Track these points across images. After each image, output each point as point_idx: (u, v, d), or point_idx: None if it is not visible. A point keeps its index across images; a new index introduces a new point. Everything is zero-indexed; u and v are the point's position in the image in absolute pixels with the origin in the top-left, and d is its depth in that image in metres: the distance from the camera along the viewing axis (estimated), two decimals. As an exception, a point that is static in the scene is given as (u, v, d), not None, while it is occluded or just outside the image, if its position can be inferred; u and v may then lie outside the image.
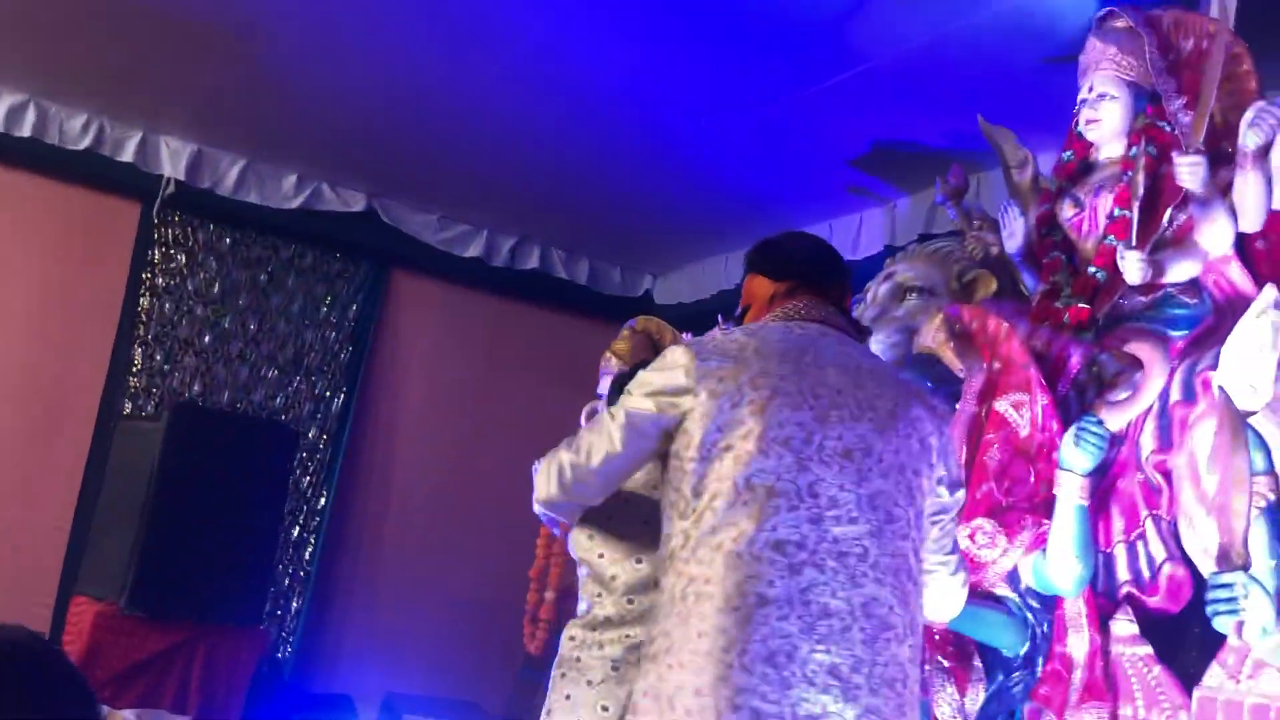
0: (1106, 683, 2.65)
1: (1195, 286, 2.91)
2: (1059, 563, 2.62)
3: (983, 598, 2.77)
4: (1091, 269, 3.02)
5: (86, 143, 5.68)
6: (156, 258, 6.05)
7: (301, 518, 6.20)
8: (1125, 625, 2.67)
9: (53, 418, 5.78)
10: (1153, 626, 2.67)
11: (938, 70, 4.06)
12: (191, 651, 4.63)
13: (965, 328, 2.92)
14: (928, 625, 2.71)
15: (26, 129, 5.57)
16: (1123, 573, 2.73)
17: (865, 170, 5.03)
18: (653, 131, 5.00)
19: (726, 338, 2.11)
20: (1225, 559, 2.16)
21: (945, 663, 2.82)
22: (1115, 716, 2.63)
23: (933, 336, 2.97)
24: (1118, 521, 2.77)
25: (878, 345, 3.19)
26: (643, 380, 2.10)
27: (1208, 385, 2.58)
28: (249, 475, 4.89)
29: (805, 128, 4.71)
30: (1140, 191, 2.89)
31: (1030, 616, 2.76)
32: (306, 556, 6.22)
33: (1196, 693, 2.47)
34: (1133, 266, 2.79)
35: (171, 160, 5.86)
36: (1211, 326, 2.85)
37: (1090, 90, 3.11)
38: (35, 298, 5.81)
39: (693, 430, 1.99)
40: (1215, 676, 2.44)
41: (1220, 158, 2.86)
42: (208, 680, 4.65)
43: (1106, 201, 3.04)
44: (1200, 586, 2.45)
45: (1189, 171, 2.74)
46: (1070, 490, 2.60)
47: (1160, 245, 2.91)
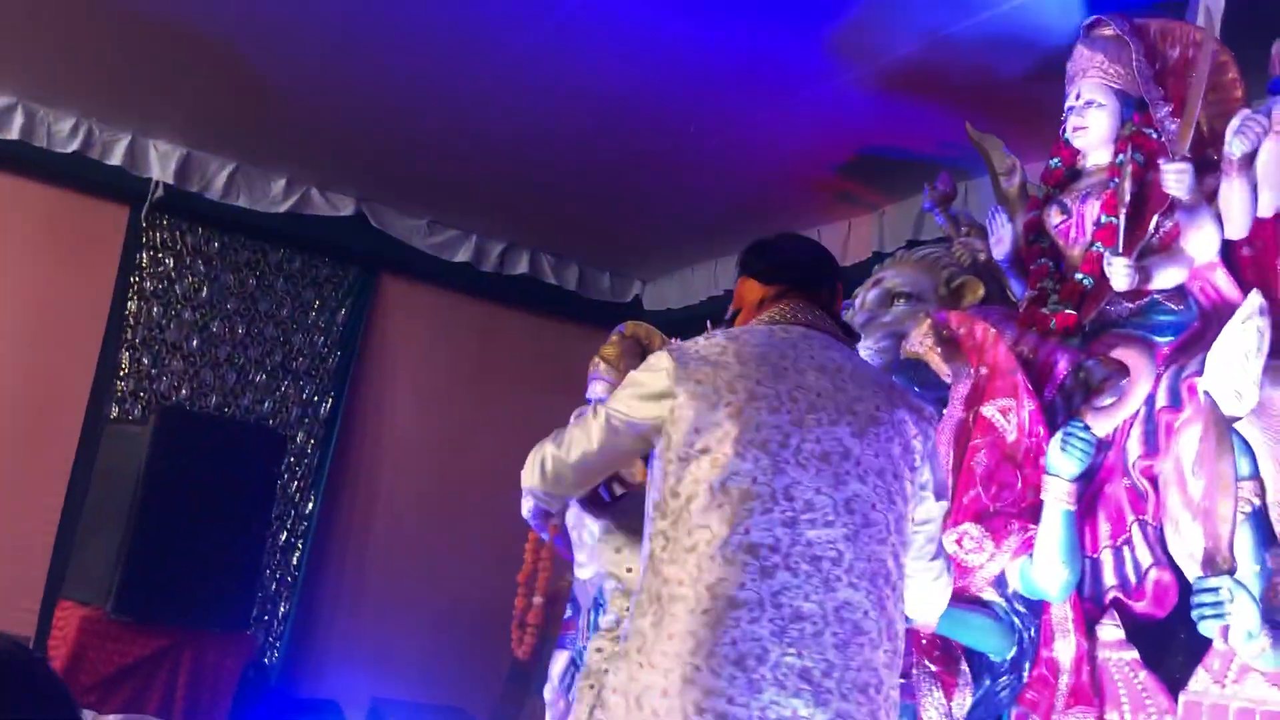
0: (1093, 687, 2.66)
1: (1181, 293, 2.92)
2: (1046, 568, 2.63)
3: (970, 602, 2.78)
4: (1078, 275, 3.03)
5: (75, 146, 5.67)
6: (144, 261, 6.04)
7: (289, 522, 6.19)
8: (1111, 630, 2.68)
9: (40, 421, 5.76)
10: (1139, 631, 2.68)
11: (926, 78, 4.08)
12: (178, 656, 4.62)
13: (953, 333, 2.93)
14: (915, 629, 2.73)
15: (14, 131, 5.55)
16: (1109, 578, 2.74)
17: (854, 177, 5.04)
18: (642, 138, 5.01)
19: (709, 342, 2.11)
20: (1211, 564, 2.17)
21: (932, 667, 2.82)
22: (1101, 721, 2.64)
23: (920, 342, 2.98)
24: (1104, 527, 2.78)
25: (866, 350, 3.20)
26: (627, 382, 2.14)
27: (1193, 391, 2.59)
28: (236, 480, 4.87)
29: (794, 135, 4.72)
30: (1127, 198, 2.90)
31: (1017, 621, 2.76)
32: (294, 561, 6.21)
33: (1182, 697, 2.49)
34: (1119, 273, 2.81)
35: (160, 164, 5.85)
36: (1197, 332, 2.87)
37: (1078, 98, 3.13)
38: (22, 301, 5.79)
39: (673, 433, 2.01)
40: (1201, 681, 2.46)
41: (1206, 165, 2.87)
42: (194, 685, 4.63)
43: (1094, 208, 3.06)
44: (1186, 591, 2.46)
45: (1175, 179, 2.75)
46: (1057, 495, 2.61)
47: (1147, 252, 2.92)
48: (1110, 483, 2.81)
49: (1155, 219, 2.93)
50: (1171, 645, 2.67)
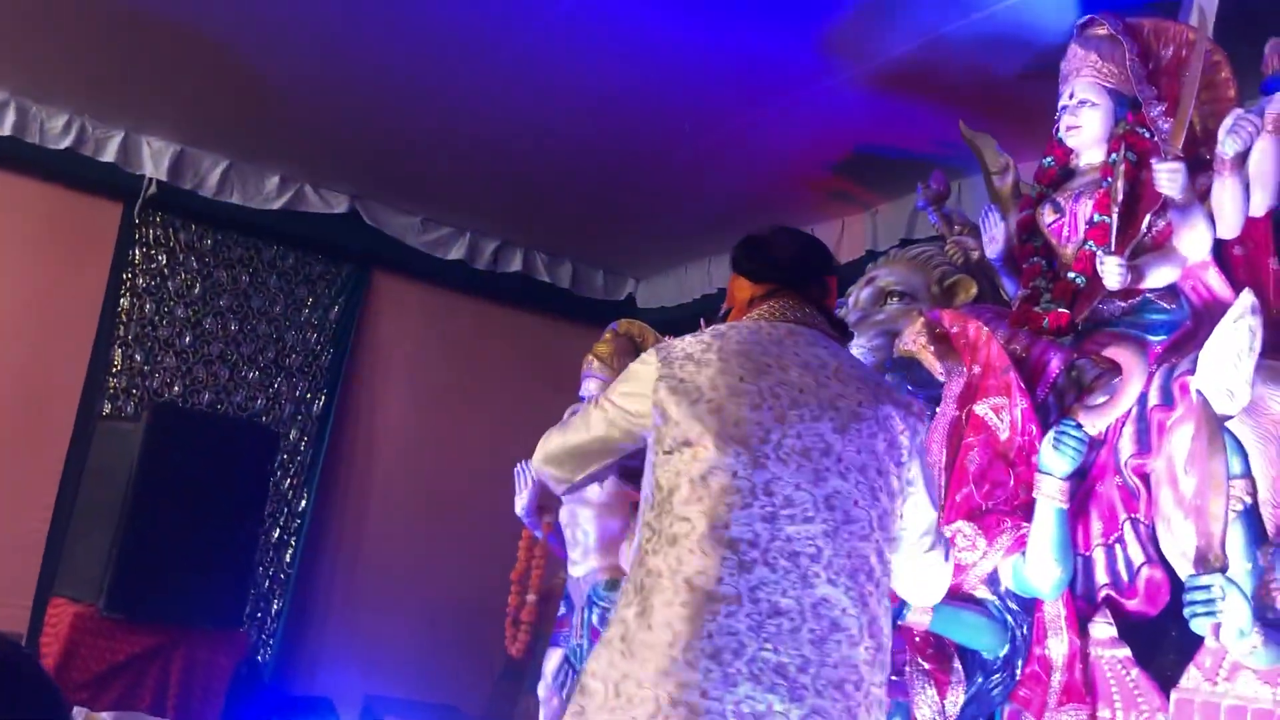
0: (1085, 685, 2.67)
1: (1173, 292, 2.93)
2: (1038, 566, 2.64)
3: (963, 600, 2.79)
4: (1071, 274, 3.04)
5: (68, 142, 5.66)
6: (137, 258, 6.02)
7: (282, 520, 6.18)
8: (1104, 628, 2.68)
9: (32, 418, 5.74)
10: (1131, 629, 2.69)
11: (919, 77, 4.08)
12: (170, 654, 4.61)
13: (945, 332, 2.94)
14: (909, 627, 2.74)
15: (7, 128, 5.54)
16: (1101, 576, 2.74)
17: (847, 176, 5.05)
18: (636, 136, 5.01)
19: (696, 339, 2.14)
20: (1203, 562, 2.18)
21: (925, 665, 2.83)
22: (1093, 719, 2.65)
23: (914, 340, 2.99)
24: (1096, 525, 2.79)
25: (859, 349, 3.20)
26: (621, 376, 2.19)
27: (1186, 390, 2.60)
28: (229, 477, 4.86)
29: (788, 134, 4.72)
30: (1120, 197, 2.91)
31: (1010, 619, 2.77)
32: (287, 559, 6.20)
33: (1174, 695, 2.50)
34: (1112, 272, 2.81)
35: (153, 160, 5.84)
36: (1189, 331, 2.87)
37: (1071, 97, 3.14)
38: (14, 298, 5.77)
39: (660, 427, 2.04)
40: (1192, 678, 2.47)
41: (1199, 164, 2.88)
42: (186, 682, 4.62)
43: (1086, 207, 3.06)
44: (1178, 589, 2.47)
45: (1168, 178, 2.76)
46: (1049, 493, 2.62)
47: (1139, 251, 2.93)
48: (1102, 481, 2.82)
49: (1148, 218, 2.94)
50: (1163, 643, 2.68)
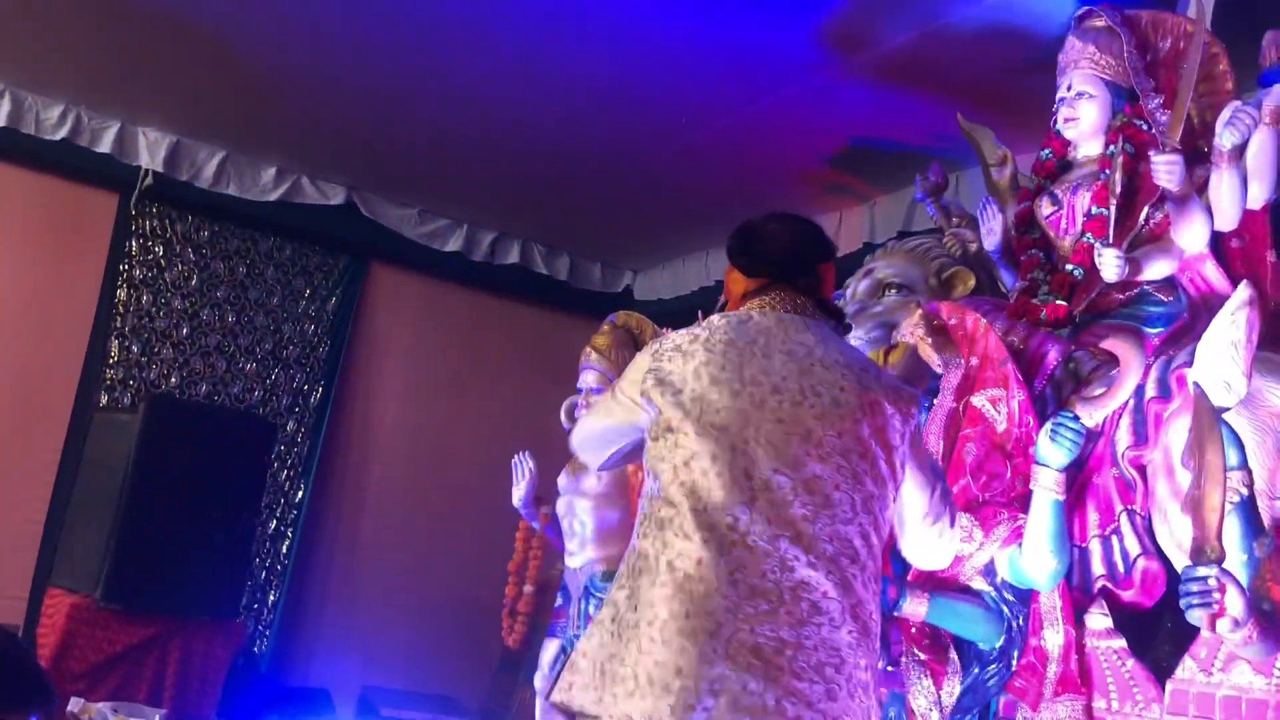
0: (1081, 676, 2.67)
1: (1171, 284, 2.94)
2: (1035, 557, 2.64)
3: (959, 591, 2.79)
4: (1069, 266, 3.04)
5: (63, 133, 5.65)
6: (134, 249, 6.02)
7: (279, 511, 6.19)
8: (1099, 619, 2.69)
9: (28, 409, 5.74)
10: (1126, 620, 2.69)
11: (917, 69, 4.09)
12: (167, 644, 4.61)
13: (943, 324, 2.94)
14: (905, 618, 2.74)
15: (2, 119, 5.54)
16: (1097, 567, 2.75)
17: (845, 168, 5.05)
18: (634, 128, 5.01)
19: (687, 331, 2.19)
20: (1199, 553, 2.18)
21: (921, 655, 2.84)
22: (1089, 709, 2.65)
23: (911, 332, 2.99)
24: (1093, 516, 2.79)
25: (857, 340, 3.20)
26: (629, 366, 2.24)
27: (1183, 382, 2.60)
28: (226, 468, 4.86)
29: (785, 126, 4.72)
30: (1118, 189, 2.91)
31: (1006, 610, 2.77)
32: (283, 550, 6.21)
33: (1169, 685, 2.50)
34: (1109, 264, 2.81)
35: (150, 151, 5.83)
36: (1187, 324, 2.88)
37: (1069, 89, 3.13)
38: (10, 289, 5.77)
39: (650, 416, 2.10)
40: (1188, 669, 2.47)
41: (1197, 157, 2.89)
42: (183, 673, 4.62)
43: (1084, 199, 3.06)
44: (1174, 581, 2.47)
45: (1166, 170, 2.75)
46: (1046, 485, 2.62)
47: (1137, 243, 2.93)
48: (1099, 473, 2.82)
49: (1145, 210, 2.94)
50: (1159, 634, 2.69)
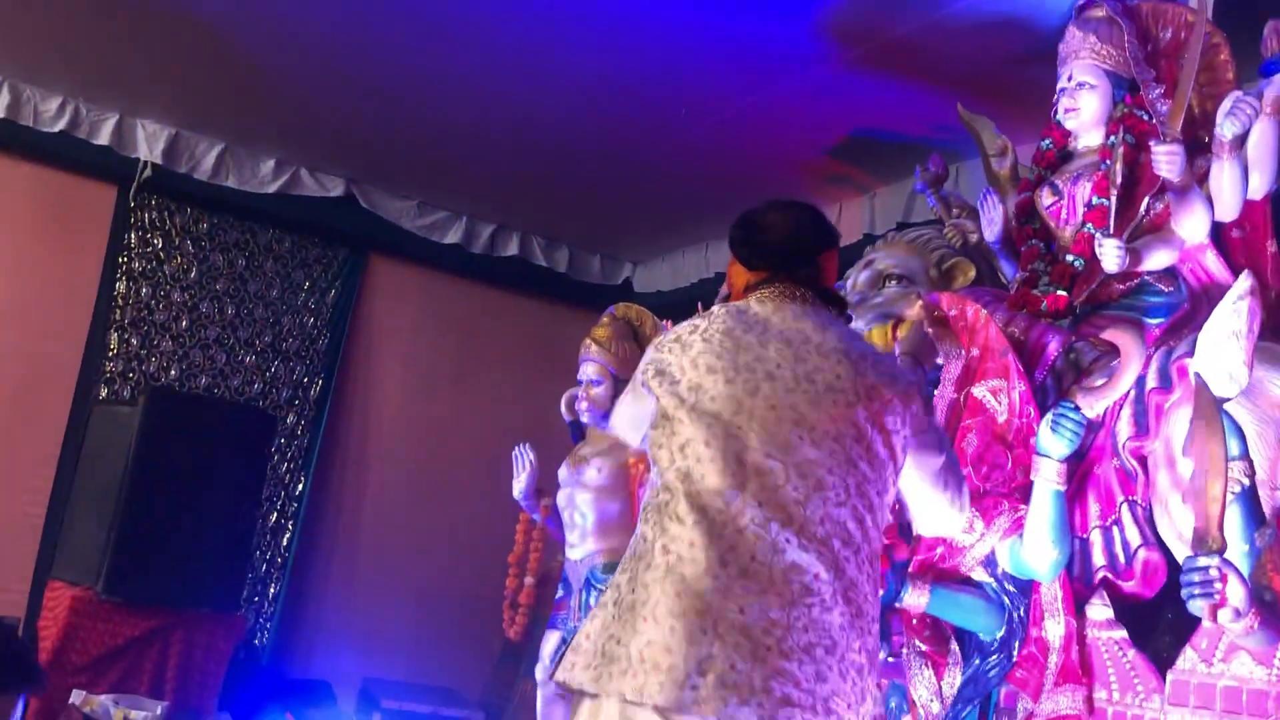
0: (1082, 666, 2.68)
1: (1172, 274, 2.94)
2: (1035, 548, 2.64)
3: (960, 582, 2.79)
4: (1069, 257, 3.04)
5: (62, 125, 5.64)
6: (133, 241, 6.01)
7: (279, 503, 6.19)
8: (1100, 610, 2.69)
9: (28, 402, 5.74)
10: (1127, 611, 2.70)
11: (917, 60, 4.08)
12: (168, 637, 4.61)
13: (944, 315, 2.94)
14: (906, 609, 2.74)
15: (0, 110, 5.51)
16: (1098, 558, 2.75)
17: (844, 159, 5.04)
18: (633, 120, 5.00)
19: (688, 323, 2.23)
20: (1201, 543, 2.18)
21: (922, 646, 2.84)
22: (1090, 700, 2.66)
23: (915, 308, 2.99)
24: (1094, 507, 2.79)
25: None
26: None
27: (1184, 372, 2.60)
28: (226, 461, 4.86)
29: (785, 117, 4.72)
30: (1118, 180, 2.91)
31: (1007, 601, 2.77)
32: (284, 542, 6.21)
33: (1170, 675, 2.51)
34: (1110, 254, 2.81)
35: (148, 143, 5.82)
36: (1187, 314, 2.88)
37: (1069, 79, 3.13)
38: (9, 281, 5.76)
39: (653, 405, 2.15)
40: (1189, 659, 2.48)
41: (1197, 147, 2.88)
42: (185, 665, 4.63)
43: (1085, 190, 3.06)
44: (1174, 571, 2.48)
45: (1166, 160, 2.75)
46: (1047, 476, 2.62)
47: (1137, 233, 2.93)
48: (1100, 464, 2.82)
49: (1146, 200, 2.94)
50: (1159, 624, 2.69)
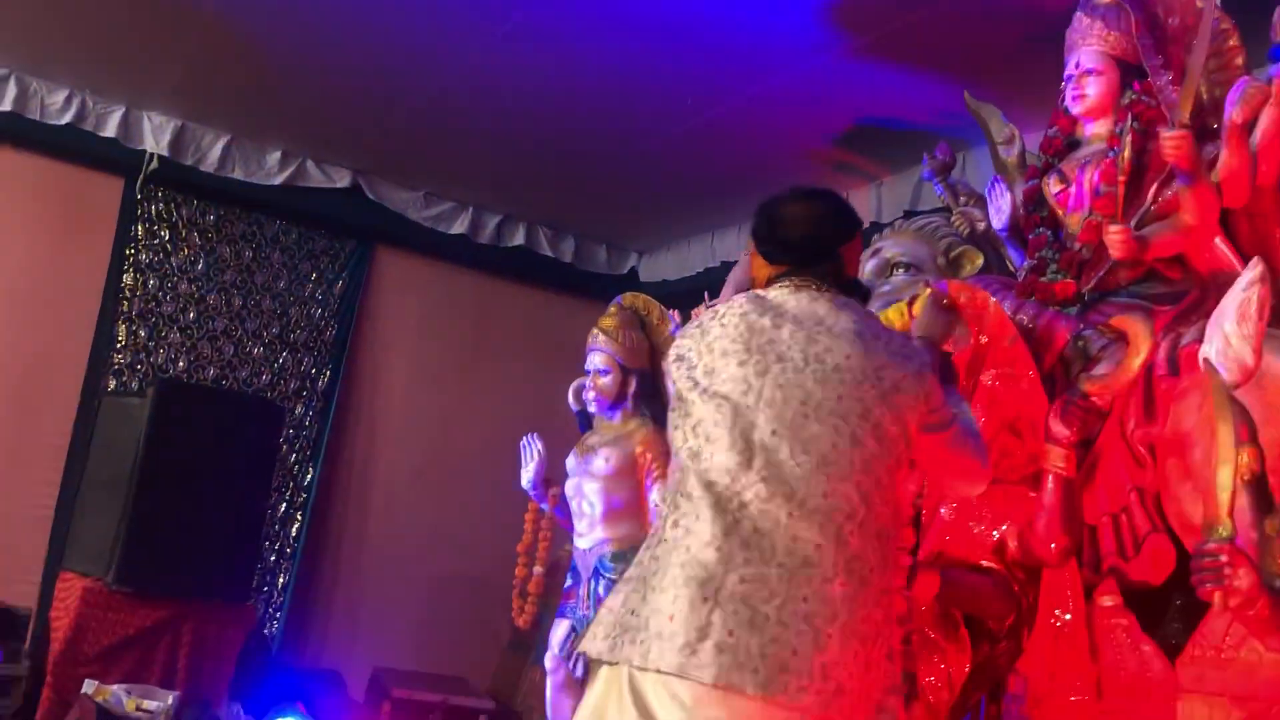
0: (1091, 653, 2.68)
1: (1180, 262, 2.93)
2: (1045, 535, 2.65)
3: (970, 569, 2.80)
4: (1077, 244, 3.03)
5: (68, 118, 5.65)
6: (140, 234, 6.02)
7: (288, 494, 6.21)
8: (1109, 597, 2.69)
9: (36, 394, 5.76)
10: (1136, 598, 2.70)
11: (924, 48, 4.07)
12: (179, 627, 4.64)
13: (952, 302, 2.93)
14: (914, 597, 2.75)
15: (7, 103, 5.53)
16: (1107, 545, 2.75)
17: (851, 148, 5.03)
18: (639, 110, 4.99)
19: (710, 309, 2.30)
20: (1210, 530, 2.18)
21: (931, 634, 2.85)
22: (1099, 686, 2.66)
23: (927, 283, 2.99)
24: (1102, 494, 2.79)
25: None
26: None
27: (1192, 359, 2.60)
28: (235, 452, 4.88)
29: (791, 106, 4.70)
30: (1126, 167, 2.90)
31: (1016, 588, 2.78)
32: (293, 533, 6.23)
33: (1179, 662, 2.51)
34: (1118, 242, 2.81)
35: (154, 136, 5.83)
36: (1196, 301, 2.87)
37: (1077, 66, 3.12)
38: (17, 274, 5.78)
39: (673, 389, 2.24)
40: (1198, 646, 2.47)
41: (1206, 133, 2.87)
42: (195, 656, 4.65)
43: (1092, 177, 3.05)
44: (1183, 558, 2.48)
45: (1174, 146, 2.74)
46: (1056, 463, 2.63)
47: (1145, 221, 2.92)
48: (1108, 451, 2.82)
49: (1154, 188, 2.93)
50: (1168, 611, 2.69)
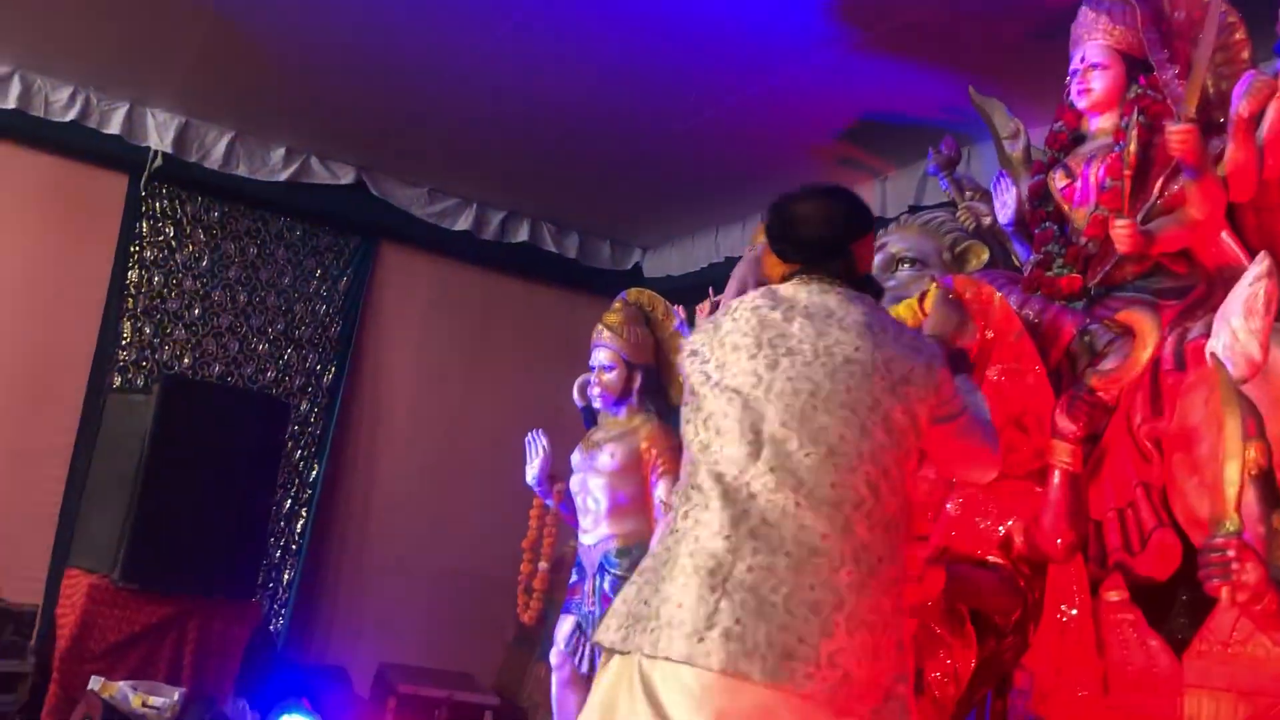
0: (1097, 648, 2.68)
1: (1186, 256, 2.92)
2: (1051, 530, 2.64)
3: (975, 564, 2.79)
4: (1083, 239, 3.03)
5: (73, 115, 5.65)
6: (145, 230, 6.03)
7: (293, 490, 6.22)
8: (1115, 592, 2.69)
9: (42, 391, 5.76)
10: (1142, 593, 2.69)
11: (929, 42, 4.06)
12: (184, 624, 4.64)
13: (958, 298, 2.93)
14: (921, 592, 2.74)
15: (12, 100, 5.53)
16: (1113, 540, 2.74)
17: (856, 143, 5.03)
18: (643, 106, 4.99)
19: (724, 307, 2.31)
20: (1217, 525, 2.18)
21: (937, 629, 2.84)
22: (1105, 681, 2.66)
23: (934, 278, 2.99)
24: (1109, 489, 2.78)
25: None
26: None
27: (1199, 353, 2.59)
28: (241, 448, 4.88)
29: (796, 101, 4.70)
30: (1132, 161, 2.89)
31: (1022, 583, 2.78)
32: (298, 529, 6.23)
33: (1186, 657, 2.50)
34: (1124, 236, 2.80)
35: (159, 132, 5.83)
36: (1202, 295, 2.87)
37: (1082, 60, 3.11)
38: (22, 271, 5.78)
39: (687, 384, 2.27)
40: (1205, 641, 2.47)
41: (1212, 127, 2.87)
42: (201, 652, 4.66)
43: (1098, 171, 3.05)
44: (1189, 554, 2.48)
45: (1180, 141, 2.74)
46: (1062, 458, 2.62)
47: (1151, 215, 2.92)
48: (1115, 446, 2.81)
49: (1160, 182, 2.93)
50: (1174, 606, 2.69)
